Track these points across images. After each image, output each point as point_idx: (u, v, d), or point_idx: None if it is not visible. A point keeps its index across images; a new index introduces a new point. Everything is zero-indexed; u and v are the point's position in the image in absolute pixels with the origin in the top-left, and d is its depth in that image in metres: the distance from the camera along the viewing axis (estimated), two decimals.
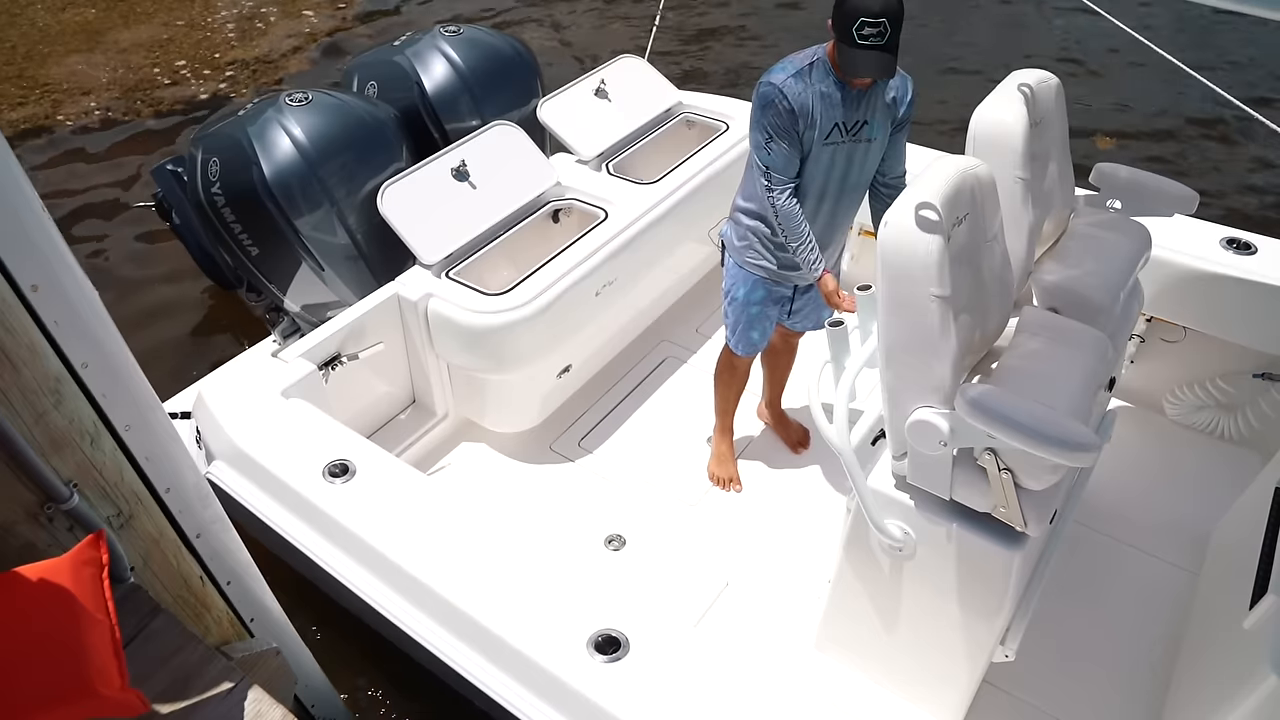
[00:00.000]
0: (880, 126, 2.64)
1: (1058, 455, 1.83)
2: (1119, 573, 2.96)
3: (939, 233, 1.87)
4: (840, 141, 2.61)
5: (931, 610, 2.32)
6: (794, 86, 2.53)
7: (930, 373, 1.96)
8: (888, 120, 2.65)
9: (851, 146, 2.64)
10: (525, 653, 2.11)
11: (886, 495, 2.24)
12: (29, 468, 1.56)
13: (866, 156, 2.69)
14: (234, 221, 3.20)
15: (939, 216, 1.86)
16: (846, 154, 2.65)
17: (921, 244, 1.87)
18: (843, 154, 2.64)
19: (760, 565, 3.00)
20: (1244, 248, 3.14)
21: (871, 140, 2.65)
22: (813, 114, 2.55)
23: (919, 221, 1.87)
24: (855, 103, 2.57)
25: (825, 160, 2.63)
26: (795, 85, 2.53)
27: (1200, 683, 2.38)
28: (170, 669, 1.74)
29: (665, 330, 3.93)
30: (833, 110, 2.56)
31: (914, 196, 1.90)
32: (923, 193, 1.89)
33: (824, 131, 2.58)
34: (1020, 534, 2.09)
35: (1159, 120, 6.25)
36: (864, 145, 2.65)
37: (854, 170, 2.69)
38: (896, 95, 2.63)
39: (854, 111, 2.58)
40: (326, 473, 2.51)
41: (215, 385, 2.92)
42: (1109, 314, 2.40)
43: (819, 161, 2.63)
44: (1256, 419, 3.25)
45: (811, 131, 2.57)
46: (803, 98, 2.53)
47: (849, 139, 2.62)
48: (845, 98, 2.56)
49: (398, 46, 3.70)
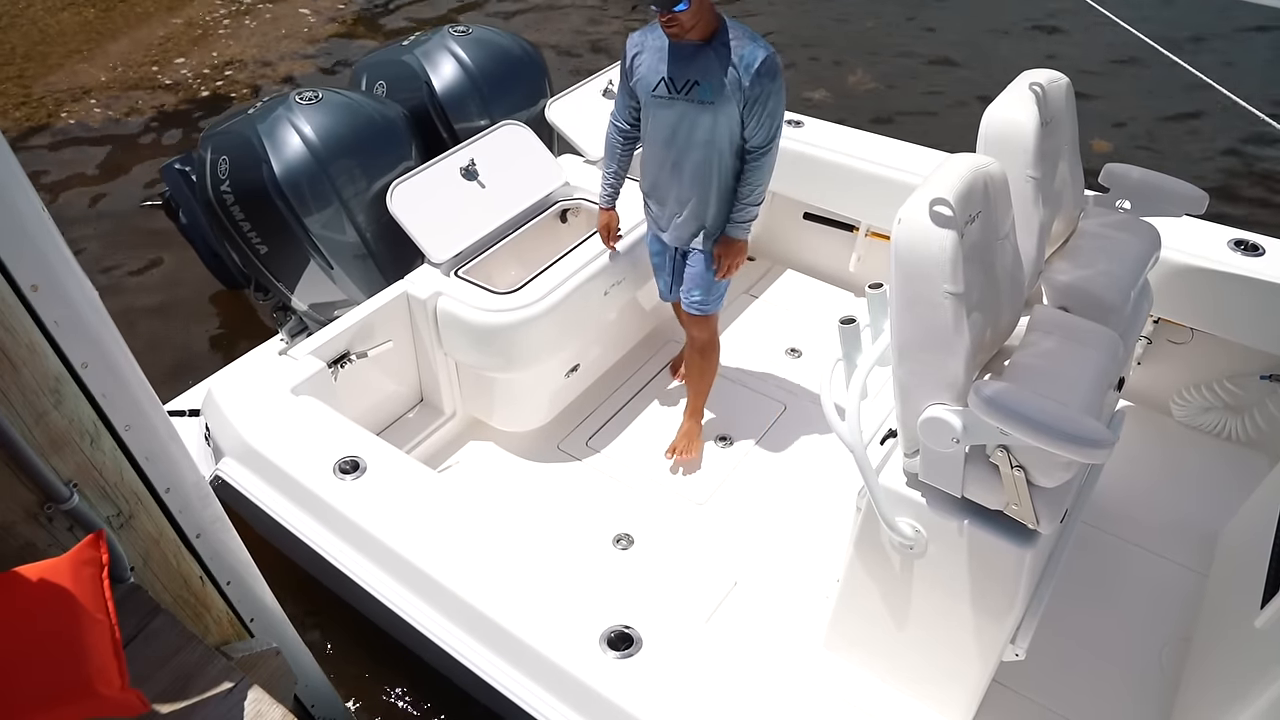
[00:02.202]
0: (717, 91, 2.68)
1: (1073, 452, 1.82)
2: (1128, 573, 2.94)
3: (953, 228, 1.86)
4: (669, 96, 2.75)
5: (942, 608, 2.31)
6: (635, 39, 2.81)
7: (943, 369, 1.96)
8: (734, 89, 2.67)
9: (685, 105, 2.74)
10: (538, 649, 2.11)
11: (898, 493, 2.23)
12: (29, 468, 1.56)
13: (700, 118, 2.74)
14: (243, 220, 3.21)
15: (953, 212, 1.86)
16: (680, 112, 2.75)
17: (935, 240, 1.86)
18: (675, 111, 2.76)
19: (769, 564, 2.99)
20: (1252, 249, 3.11)
21: (707, 103, 2.70)
22: (638, 67, 2.78)
23: (933, 217, 1.86)
24: (686, 61, 2.70)
25: (658, 113, 2.80)
26: (636, 38, 2.81)
27: (1210, 682, 2.36)
28: (170, 669, 1.74)
29: (673, 328, 3.91)
30: (660, 65, 2.74)
31: (928, 193, 1.89)
32: (936, 190, 1.89)
33: (649, 84, 2.77)
34: (1032, 532, 2.08)
35: (1162, 119, 6.20)
36: (697, 106, 2.72)
37: (685, 128, 2.77)
38: (742, 63, 2.65)
39: (683, 69, 2.70)
40: (337, 469, 2.51)
41: (225, 383, 2.92)
42: (1120, 313, 2.39)
43: (650, 113, 2.82)
44: (1264, 420, 3.23)
45: (639, 83, 2.80)
46: (636, 49, 2.79)
47: (680, 96, 2.73)
48: (674, 55, 2.71)
49: (407, 46, 3.71)
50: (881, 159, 3.73)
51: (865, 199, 3.82)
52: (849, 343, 2.32)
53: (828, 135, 3.92)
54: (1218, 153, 5.87)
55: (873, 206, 3.81)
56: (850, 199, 3.90)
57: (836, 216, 4.03)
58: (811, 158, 3.86)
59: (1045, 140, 2.37)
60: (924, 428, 2.01)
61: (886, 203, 3.66)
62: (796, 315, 4.02)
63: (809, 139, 3.89)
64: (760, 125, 2.75)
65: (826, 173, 3.85)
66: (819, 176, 3.88)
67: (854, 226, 4.00)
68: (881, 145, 3.83)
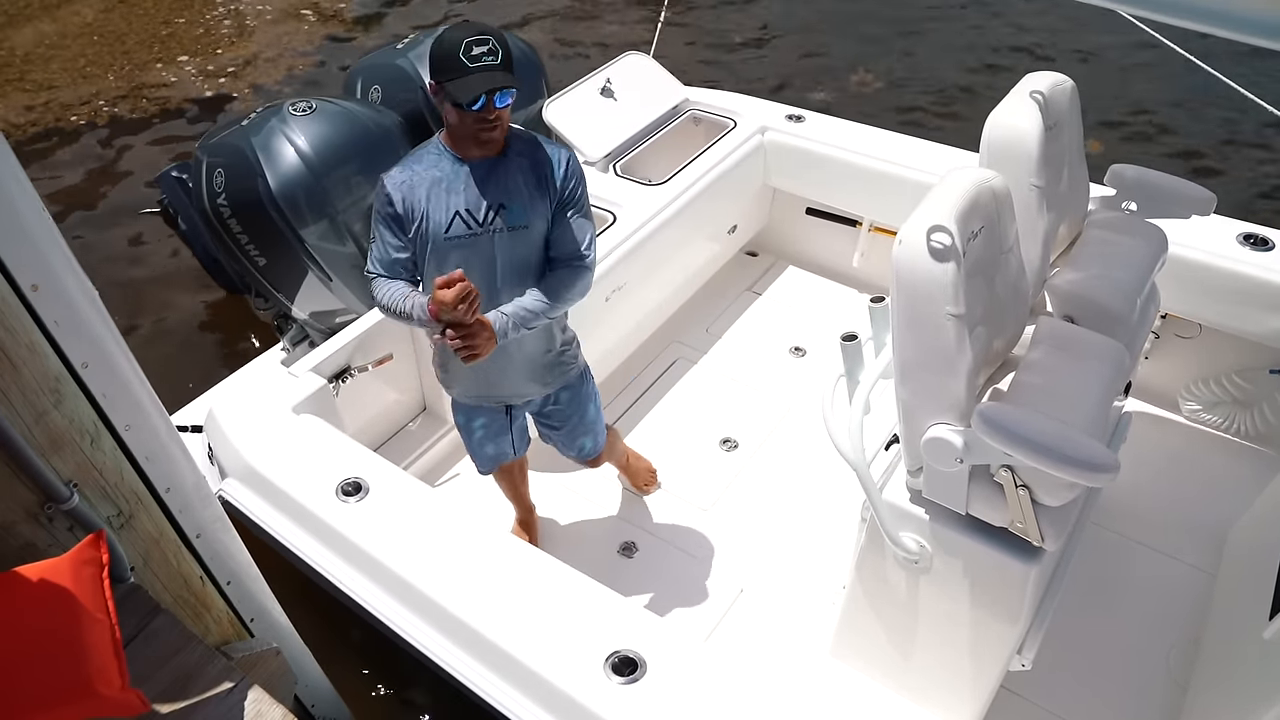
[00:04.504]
0: (531, 209, 2.16)
1: (1076, 475, 1.81)
2: (1134, 572, 2.93)
3: (953, 258, 1.84)
4: (470, 234, 2.14)
5: (948, 621, 2.30)
6: (397, 177, 2.14)
7: (946, 390, 1.94)
8: (544, 199, 2.17)
9: (491, 239, 2.15)
10: (544, 676, 2.10)
11: (901, 509, 2.21)
12: (29, 468, 1.56)
13: (516, 247, 2.18)
14: (240, 232, 3.19)
15: (953, 240, 1.83)
16: (488, 249, 2.16)
17: (937, 265, 1.85)
18: (482, 250, 2.16)
19: (775, 570, 2.97)
20: (1261, 243, 3.10)
21: (520, 228, 2.16)
22: (421, 206, 2.13)
23: (932, 252, 1.84)
24: (483, 183, 2.12)
25: (457, 260, 2.13)
26: (399, 175, 2.14)
27: (1219, 692, 2.35)
28: (170, 669, 1.74)
29: (675, 331, 3.91)
30: (451, 197, 2.13)
31: (929, 213, 1.86)
32: (938, 210, 1.86)
33: (441, 225, 2.13)
34: (1037, 548, 2.07)
35: (1170, 118, 6.19)
36: (509, 235, 2.16)
37: (502, 268, 2.19)
38: (548, 169, 2.17)
39: (483, 193, 2.13)
40: (340, 491, 2.49)
41: (226, 400, 2.90)
42: (1126, 322, 2.36)
43: (449, 262, 2.14)
44: (1273, 415, 3.21)
45: (424, 225, 2.14)
46: (406, 188, 2.13)
47: (484, 229, 2.14)
48: (468, 179, 2.13)
49: (401, 49, 3.69)
50: (884, 154, 3.72)
51: (868, 194, 3.80)
52: (851, 360, 2.30)
53: (829, 130, 3.91)
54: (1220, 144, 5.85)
55: (876, 201, 3.79)
56: (853, 194, 3.88)
57: (839, 212, 4.02)
58: (813, 153, 3.85)
59: (1049, 145, 2.35)
60: (927, 448, 1.99)
61: (890, 197, 3.68)
62: (800, 312, 4.01)
63: (810, 134, 3.88)
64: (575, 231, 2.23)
65: (829, 167, 3.83)
66: (821, 171, 3.87)
67: (857, 221, 3.99)
68: (884, 139, 3.81)
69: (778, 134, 3.91)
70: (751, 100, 4.14)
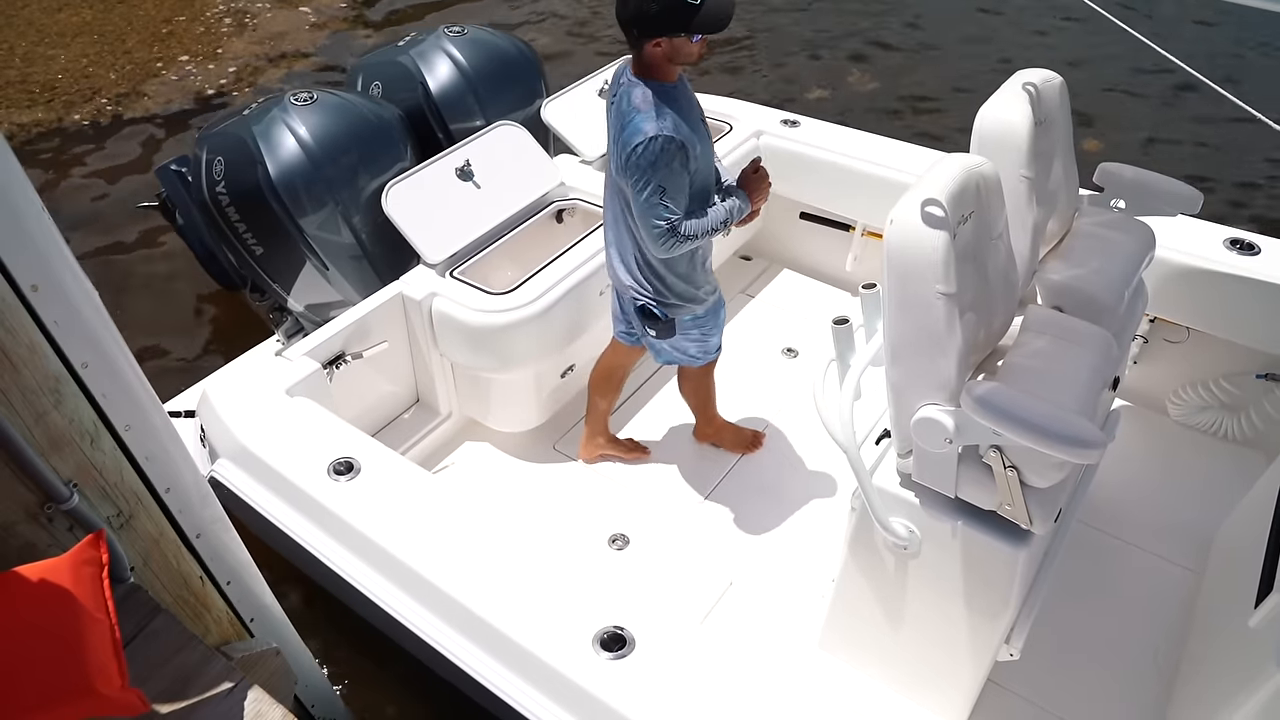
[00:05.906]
0: None
1: (1064, 452, 1.83)
2: (1122, 572, 2.96)
3: (945, 229, 1.86)
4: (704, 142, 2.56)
5: (936, 608, 2.32)
6: (670, 126, 2.37)
7: (936, 370, 1.96)
8: None
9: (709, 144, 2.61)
10: (531, 650, 2.12)
11: (891, 493, 2.24)
12: (29, 468, 1.57)
13: None
14: (238, 221, 3.20)
15: (944, 212, 1.86)
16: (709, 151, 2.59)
17: (928, 241, 1.87)
18: (709, 152, 2.59)
19: (764, 564, 2.99)
20: (1248, 248, 3.13)
21: None
22: (690, 136, 2.44)
23: (925, 218, 1.87)
24: (688, 102, 2.53)
25: (706, 170, 2.57)
26: (668, 124, 2.38)
27: (1205, 681, 2.38)
28: (170, 669, 1.75)
29: None
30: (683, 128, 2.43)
31: (920, 194, 1.89)
32: (928, 190, 1.89)
33: (695, 144, 2.47)
34: (1026, 532, 2.09)
35: (1157, 119, 6.23)
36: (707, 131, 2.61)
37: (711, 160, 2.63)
38: None
39: (692, 108, 2.55)
40: (331, 470, 2.51)
41: (220, 384, 2.92)
42: (1114, 313, 2.40)
43: (698, 174, 2.52)
44: (1260, 419, 3.24)
45: (696, 149, 2.47)
46: (684, 131, 2.40)
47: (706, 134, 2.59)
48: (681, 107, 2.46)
49: (402, 47, 3.70)
50: (877, 158, 3.75)
51: (861, 198, 3.83)
52: (842, 343, 2.33)
53: (823, 135, 3.93)
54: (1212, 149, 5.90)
55: (869, 206, 3.82)
56: (846, 198, 3.91)
57: (832, 216, 4.04)
58: (807, 157, 3.87)
59: (1039, 140, 2.38)
60: (917, 428, 2.02)
61: (882, 202, 3.68)
62: (793, 315, 4.03)
63: (805, 139, 3.91)
64: None
65: (822, 172, 3.86)
66: (815, 176, 3.89)
67: (850, 226, 4.01)
68: (877, 144, 3.84)
69: (773, 138, 3.94)
70: (747, 105, 4.17)
